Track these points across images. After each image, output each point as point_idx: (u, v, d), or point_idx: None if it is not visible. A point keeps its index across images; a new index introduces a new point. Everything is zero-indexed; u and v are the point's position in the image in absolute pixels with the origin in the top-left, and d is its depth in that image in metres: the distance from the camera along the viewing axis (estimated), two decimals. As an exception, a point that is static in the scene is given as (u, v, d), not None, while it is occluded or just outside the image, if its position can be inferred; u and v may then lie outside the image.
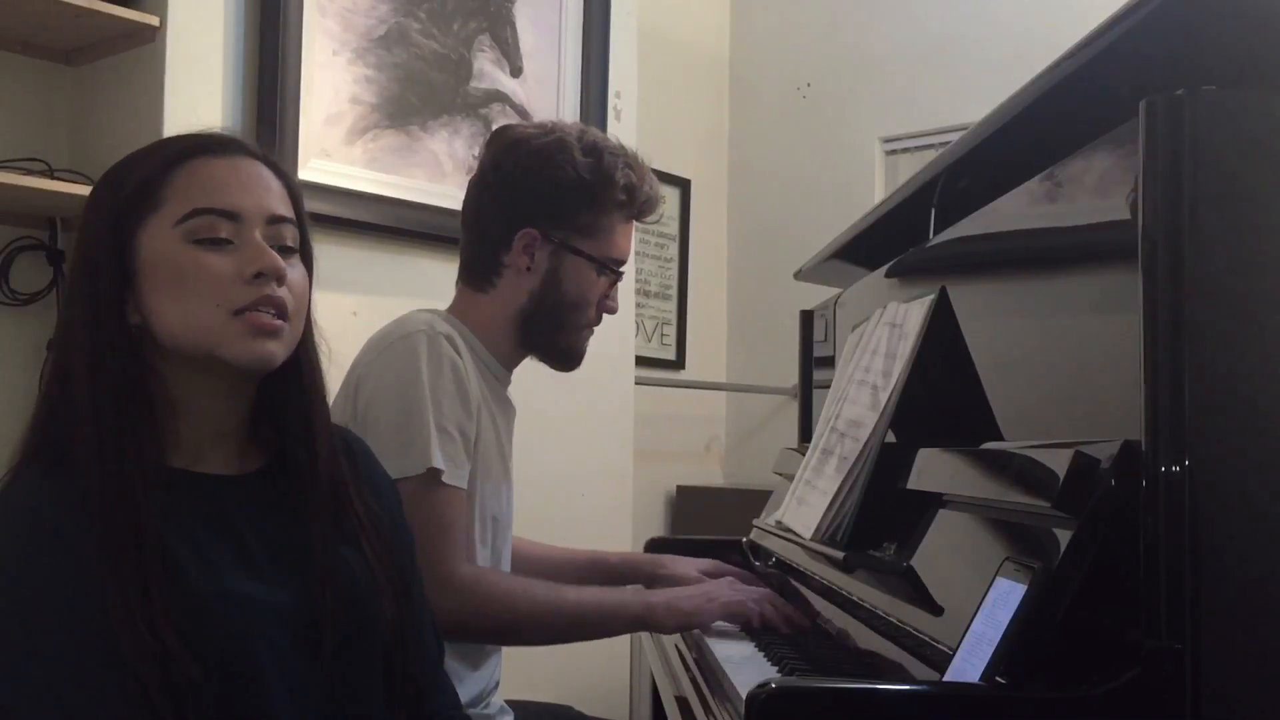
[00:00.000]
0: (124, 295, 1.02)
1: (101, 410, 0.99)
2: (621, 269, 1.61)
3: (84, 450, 0.98)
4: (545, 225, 1.55)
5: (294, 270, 1.06)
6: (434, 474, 1.40)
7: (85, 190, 1.97)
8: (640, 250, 3.42)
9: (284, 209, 1.07)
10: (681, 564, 1.75)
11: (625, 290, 1.73)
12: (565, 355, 1.62)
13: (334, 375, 1.19)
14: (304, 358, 1.10)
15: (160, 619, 0.92)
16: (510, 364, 1.62)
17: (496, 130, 1.68)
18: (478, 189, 1.61)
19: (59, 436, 1.01)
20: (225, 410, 1.07)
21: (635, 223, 1.63)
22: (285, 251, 1.06)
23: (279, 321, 1.03)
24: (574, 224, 1.56)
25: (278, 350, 1.04)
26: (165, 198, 1.03)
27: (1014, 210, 1.28)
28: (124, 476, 0.97)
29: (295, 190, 1.10)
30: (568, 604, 1.48)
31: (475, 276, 1.60)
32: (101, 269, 1.02)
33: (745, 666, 1.34)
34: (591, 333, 1.63)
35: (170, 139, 1.09)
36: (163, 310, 1.02)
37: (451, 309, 1.61)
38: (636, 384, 2.96)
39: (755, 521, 2.03)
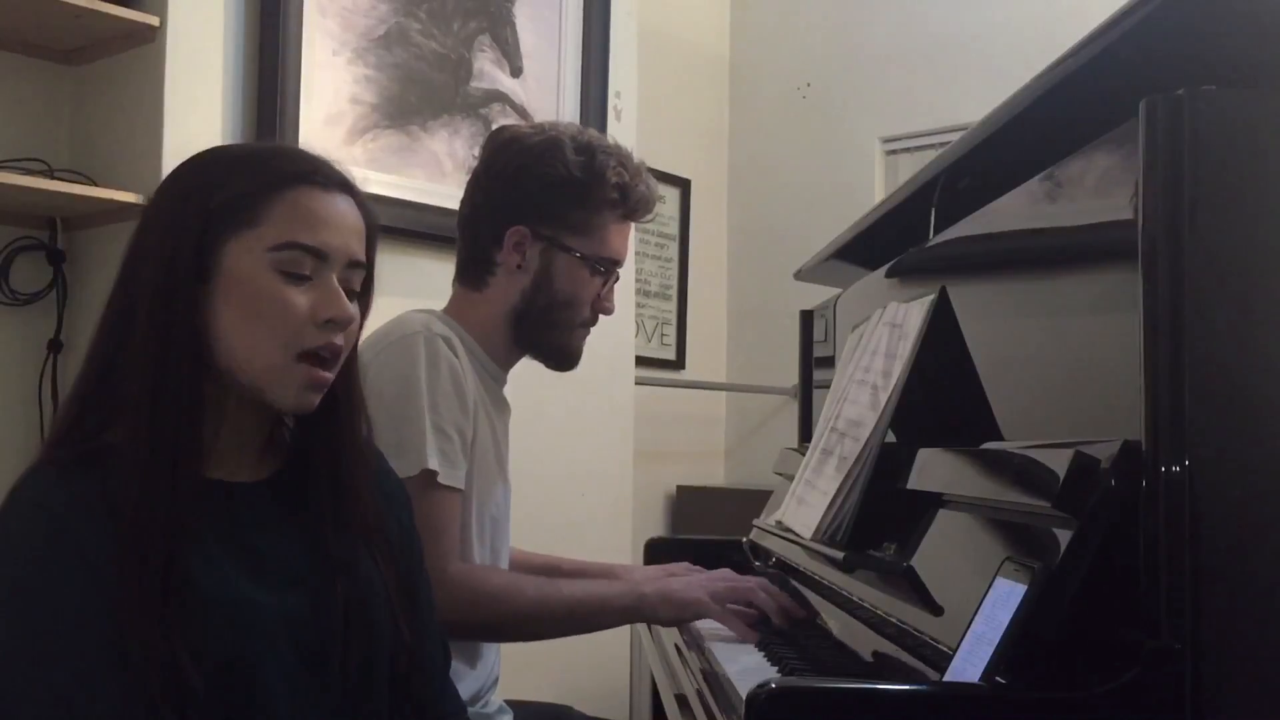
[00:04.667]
0: (199, 301, 1.01)
1: (160, 413, 0.98)
2: (616, 268, 1.61)
3: (131, 452, 0.97)
4: (535, 223, 1.56)
5: (353, 311, 1.07)
6: (429, 475, 1.40)
7: (85, 190, 1.98)
8: (640, 250, 3.42)
9: (362, 252, 1.07)
10: (637, 574, 1.75)
11: (625, 290, 1.73)
12: (560, 355, 1.62)
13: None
14: (341, 383, 1.09)
15: (172, 627, 0.92)
16: (506, 364, 1.62)
17: (493, 130, 1.69)
18: (472, 188, 1.62)
19: (91, 429, 0.99)
20: (255, 426, 1.07)
21: (632, 223, 1.64)
22: (350, 295, 1.06)
23: (329, 374, 1.04)
24: (565, 222, 1.56)
25: (318, 399, 1.06)
26: (264, 218, 1.02)
27: (1014, 210, 1.28)
28: (166, 485, 0.96)
29: (373, 229, 1.10)
30: (559, 598, 1.48)
31: (470, 276, 1.60)
32: (179, 272, 1.00)
33: (745, 666, 1.34)
34: (587, 332, 1.63)
35: (278, 155, 1.08)
36: (230, 330, 1.01)
37: (447, 309, 1.61)
38: (636, 384, 2.96)
39: (755, 521, 2.03)
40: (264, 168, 1.05)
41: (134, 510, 0.94)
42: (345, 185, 1.08)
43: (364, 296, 1.10)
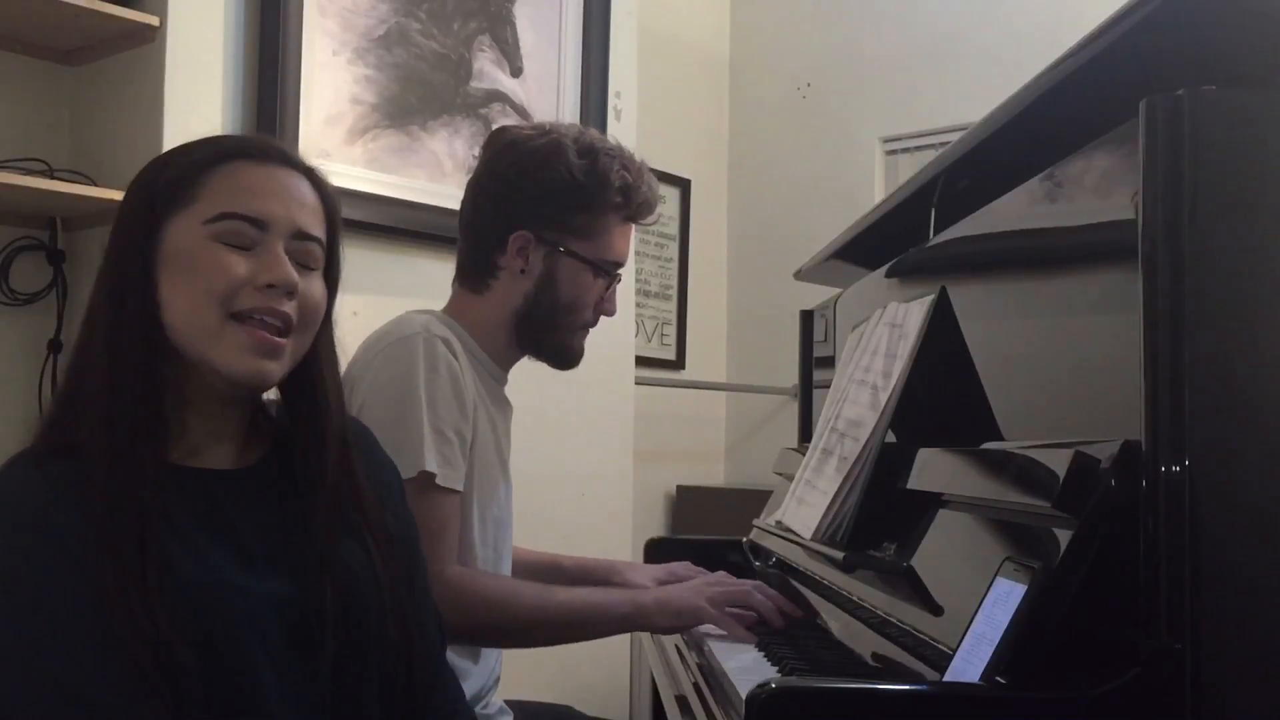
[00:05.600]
0: (149, 284, 1.02)
1: (116, 398, 0.99)
2: (619, 271, 1.61)
3: (93, 438, 0.98)
4: (539, 227, 1.55)
5: (310, 284, 1.06)
6: (427, 477, 1.40)
7: (85, 190, 1.98)
8: (640, 250, 3.42)
9: (314, 226, 1.07)
10: (638, 571, 1.75)
11: (625, 290, 1.73)
12: (562, 355, 1.62)
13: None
14: (315, 364, 1.09)
15: (155, 605, 0.92)
16: (506, 364, 1.62)
17: (494, 131, 1.68)
18: (473, 190, 1.61)
19: (69, 424, 1.01)
20: (232, 412, 1.07)
21: (634, 224, 1.63)
22: (306, 270, 1.06)
23: (280, 340, 1.03)
24: (569, 226, 1.55)
25: (275, 370, 1.04)
26: (199, 195, 1.03)
27: (1014, 210, 1.28)
28: (130, 467, 0.97)
29: (332, 207, 1.10)
30: (556, 605, 1.47)
31: (471, 278, 1.60)
32: (128, 256, 1.03)
33: (745, 666, 1.34)
34: (587, 333, 1.62)
35: (217, 138, 1.09)
36: (170, 301, 1.02)
37: (447, 309, 1.61)
38: (636, 384, 2.96)
39: (755, 521, 2.03)
40: (199, 148, 1.06)
41: (101, 495, 0.95)
42: (290, 160, 1.08)
43: (331, 270, 1.09)
